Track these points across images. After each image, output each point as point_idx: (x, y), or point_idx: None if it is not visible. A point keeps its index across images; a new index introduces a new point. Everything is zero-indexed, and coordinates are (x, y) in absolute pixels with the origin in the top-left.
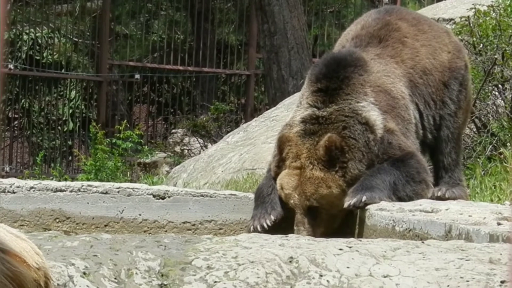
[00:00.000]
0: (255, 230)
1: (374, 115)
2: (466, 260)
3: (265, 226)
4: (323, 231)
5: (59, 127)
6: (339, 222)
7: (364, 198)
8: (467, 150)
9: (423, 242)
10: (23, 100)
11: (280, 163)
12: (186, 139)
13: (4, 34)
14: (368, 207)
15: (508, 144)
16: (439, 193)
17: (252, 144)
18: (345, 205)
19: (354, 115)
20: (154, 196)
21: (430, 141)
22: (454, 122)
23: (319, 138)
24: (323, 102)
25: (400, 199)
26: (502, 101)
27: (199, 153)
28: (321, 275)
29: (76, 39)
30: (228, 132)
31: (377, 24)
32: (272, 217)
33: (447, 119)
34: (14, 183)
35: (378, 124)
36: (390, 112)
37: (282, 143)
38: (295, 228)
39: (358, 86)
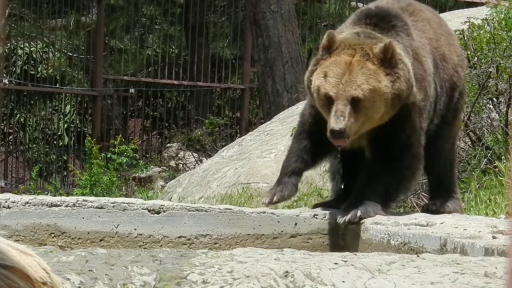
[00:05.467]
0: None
1: (412, 77)
2: (461, 274)
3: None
4: (356, 131)
5: (54, 142)
6: (360, 133)
7: (358, 213)
8: (461, 164)
9: (418, 256)
10: (18, 115)
11: (322, 58)
12: (181, 154)
13: None
14: (363, 221)
15: (503, 157)
16: (434, 207)
17: (247, 159)
18: (340, 221)
19: (403, 60)
20: (149, 210)
21: (432, 128)
22: (449, 131)
23: (378, 41)
24: (374, 31)
25: (394, 202)
26: (497, 115)
27: (194, 168)
28: None
29: (71, 54)
30: (223, 146)
31: (399, 2)
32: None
33: (443, 128)
34: (9, 198)
35: (414, 88)
36: (420, 81)
37: (330, 38)
38: (333, 118)
39: (405, 43)
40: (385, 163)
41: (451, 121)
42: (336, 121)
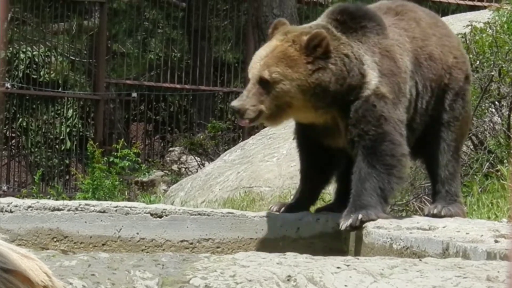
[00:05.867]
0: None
1: (372, 74)
2: (464, 277)
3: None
4: (262, 111)
5: (57, 146)
6: (281, 120)
7: (360, 217)
8: (464, 167)
9: (420, 260)
10: (20, 119)
11: None
12: (183, 158)
13: (1, 53)
14: (365, 224)
15: (505, 161)
16: (435, 211)
17: (250, 162)
18: (342, 226)
19: (358, 58)
20: (151, 214)
21: (416, 127)
22: (450, 134)
23: None
24: (336, 27)
25: (391, 195)
26: (499, 118)
27: (197, 172)
28: None
29: (73, 58)
30: (225, 150)
31: (394, 3)
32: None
33: (441, 130)
34: (11, 202)
35: (371, 83)
36: (389, 77)
37: (274, 25)
38: (239, 96)
39: (371, 42)
40: (367, 159)
41: (450, 122)
42: (237, 99)
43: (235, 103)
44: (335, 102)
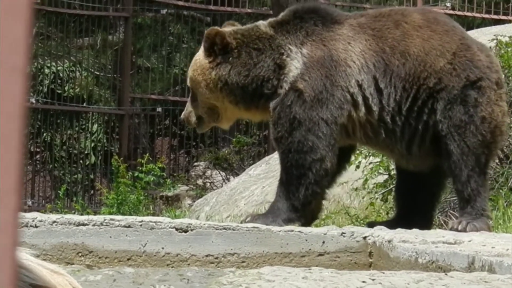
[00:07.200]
0: None
1: (292, 65)
2: None
3: None
4: (201, 117)
5: (81, 161)
6: (223, 121)
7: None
8: (489, 181)
9: (446, 274)
10: (44, 134)
11: None
12: (208, 172)
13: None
14: (391, 238)
15: None
16: (460, 227)
17: (275, 177)
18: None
19: (275, 49)
20: (176, 229)
21: (394, 128)
22: (455, 144)
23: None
24: (269, 23)
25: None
26: None
27: (222, 186)
28: None
29: (98, 73)
30: (250, 164)
31: (394, 8)
32: None
33: (445, 141)
34: (36, 217)
35: (289, 75)
36: (316, 69)
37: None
38: None
39: (303, 32)
40: (281, 168)
41: (451, 133)
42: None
43: (182, 115)
44: (251, 96)
